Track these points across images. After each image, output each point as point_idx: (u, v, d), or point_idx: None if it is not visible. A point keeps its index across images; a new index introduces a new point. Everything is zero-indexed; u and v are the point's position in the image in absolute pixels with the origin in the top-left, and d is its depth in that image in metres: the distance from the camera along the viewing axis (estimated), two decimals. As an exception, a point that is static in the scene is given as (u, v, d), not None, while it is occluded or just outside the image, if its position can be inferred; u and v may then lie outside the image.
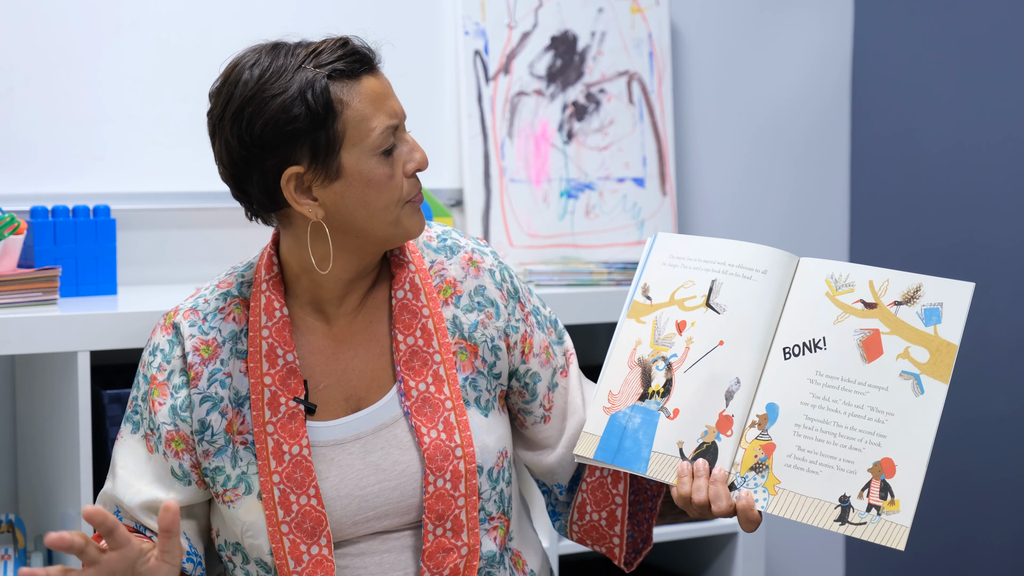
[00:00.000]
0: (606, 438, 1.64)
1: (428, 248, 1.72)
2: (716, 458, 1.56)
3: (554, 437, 1.75)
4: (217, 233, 2.50)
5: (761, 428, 1.56)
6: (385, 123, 1.57)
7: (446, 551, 1.62)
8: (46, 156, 2.38)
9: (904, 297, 1.55)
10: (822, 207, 3.10)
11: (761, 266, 1.61)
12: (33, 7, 2.36)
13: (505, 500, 1.68)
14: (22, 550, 2.09)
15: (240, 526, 1.62)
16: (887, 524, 1.47)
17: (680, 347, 1.63)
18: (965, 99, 2.86)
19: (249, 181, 1.59)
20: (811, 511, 1.51)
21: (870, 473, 1.50)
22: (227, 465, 1.62)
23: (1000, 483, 2.81)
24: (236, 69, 1.58)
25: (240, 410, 1.63)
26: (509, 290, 1.72)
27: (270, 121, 1.54)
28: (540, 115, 2.73)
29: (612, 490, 1.72)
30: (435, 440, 1.62)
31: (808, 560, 3.11)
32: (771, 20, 3.01)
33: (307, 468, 1.60)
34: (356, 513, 1.62)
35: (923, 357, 1.52)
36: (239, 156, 1.57)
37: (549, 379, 1.73)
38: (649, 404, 1.62)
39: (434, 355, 1.65)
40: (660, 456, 1.60)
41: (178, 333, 1.66)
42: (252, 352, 1.63)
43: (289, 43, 1.60)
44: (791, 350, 1.58)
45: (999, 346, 2.79)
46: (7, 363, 2.33)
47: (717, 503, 1.54)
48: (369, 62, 1.60)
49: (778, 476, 1.54)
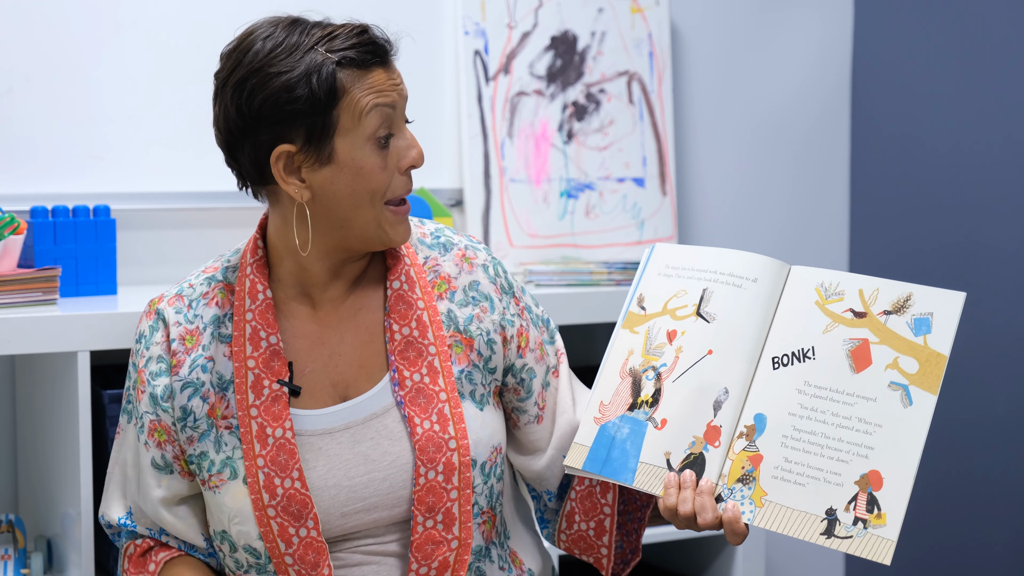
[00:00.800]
0: (595, 449, 1.63)
1: (422, 244, 1.71)
2: (704, 469, 1.55)
3: (545, 439, 1.73)
4: (217, 233, 2.50)
5: (749, 439, 1.54)
6: (382, 113, 1.57)
7: (436, 543, 1.61)
8: (46, 156, 2.38)
9: (894, 306, 1.53)
10: (822, 207, 3.10)
11: (752, 274, 1.60)
12: (33, 7, 2.36)
13: (495, 496, 1.67)
14: (22, 550, 2.09)
15: (226, 513, 1.61)
16: (873, 538, 1.45)
17: (670, 356, 1.61)
18: (965, 100, 2.86)
19: (241, 151, 1.59)
20: (797, 524, 1.49)
21: (857, 486, 1.48)
22: (211, 450, 1.62)
23: (1000, 483, 2.81)
24: (249, 38, 1.58)
25: (224, 394, 1.62)
26: (503, 285, 1.72)
27: (270, 97, 1.54)
28: (540, 115, 2.73)
29: (601, 500, 1.71)
30: (428, 431, 1.61)
31: (808, 560, 3.11)
32: (771, 20, 3.01)
33: (291, 451, 1.59)
34: (344, 504, 1.61)
35: (912, 368, 1.50)
36: (235, 125, 1.57)
37: (543, 377, 1.73)
38: (638, 414, 1.61)
39: (429, 347, 1.64)
40: (647, 467, 1.58)
41: (160, 319, 1.66)
42: (236, 336, 1.63)
43: (308, 21, 1.59)
44: (780, 360, 1.56)
45: (999, 346, 2.79)
46: (7, 363, 2.33)
47: (703, 515, 1.53)
48: (383, 54, 1.59)
49: (765, 488, 1.52)
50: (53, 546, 2.15)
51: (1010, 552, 2.79)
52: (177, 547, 1.69)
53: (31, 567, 2.08)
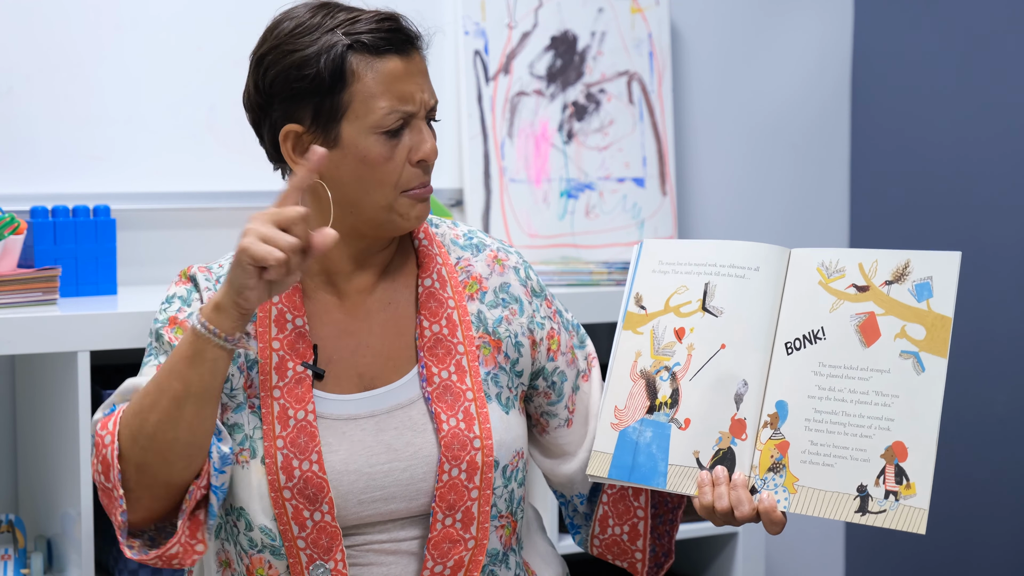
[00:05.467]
0: (619, 455, 1.61)
1: (455, 245, 1.71)
2: (734, 464, 1.54)
3: (575, 443, 1.72)
4: (217, 233, 2.50)
5: (773, 427, 1.54)
6: (393, 106, 1.56)
7: (453, 542, 1.60)
8: (47, 156, 2.38)
9: (894, 275, 1.53)
10: (822, 207, 3.10)
11: (753, 263, 1.60)
12: (33, 7, 2.36)
13: (515, 501, 1.66)
14: (22, 550, 2.09)
15: (249, 490, 1.59)
16: (906, 509, 1.46)
17: (682, 355, 1.61)
18: (965, 98, 2.86)
19: (262, 128, 1.62)
20: (831, 505, 1.49)
21: (883, 459, 1.48)
22: (245, 423, 1.60)
23: (1000, 483, 2.81)
24: (280, 18, 1.61)
25: (249, 374, 1.61)
26: (534, 288, 1.71)
27: (281, 74, 1.56)
28: (540, 115, 2.73)
29: (633, 503, 1.70)
30: (453, 428, 1.60)
31: (808, 560, 3.11)
32: (771, 20, 3.01)
33: (311, 434, 1.58)
34: (363, 491, 1.60)
35: (920, 334, 1.50)
36: (255, 101, 1.60)
37: (573, 380, 1.72)
38: (658, 416, 1.60)
39: (458, 345, 1.64)
40: (677, 468, 1.57)
41: (196, 285, 1.65)
42: (261, 317, 1.62)
43: (339, 4, 1.60)
44: (792, 344, 1.56)
45: (999, 346, 2.79)
46: (7, 363, 2.33)
47: (740, 508, 1.52)
48: (404, 44, 1.58)
49: (795, 474, 1.52)
50: (53, 546, 2.15)
51: (1010, 552, 2.79)
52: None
53: (31, 567, 2.08)
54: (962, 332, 2.93)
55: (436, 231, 1.72)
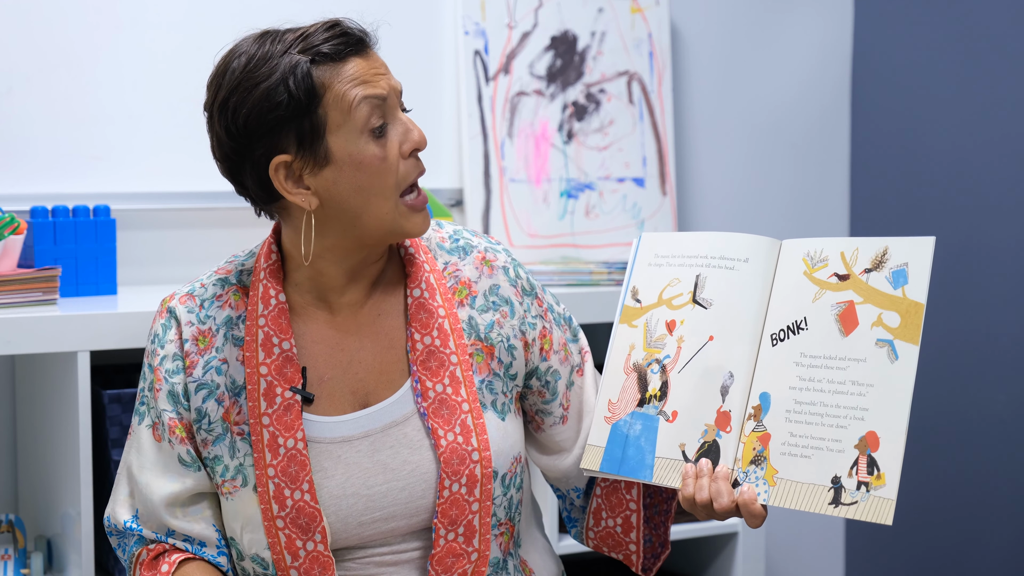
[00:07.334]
0: (610, 448, 1.62)
1: (441, 249, 1.70)
2: (719, 456, 1.54)
3: (571, 439, 1.72)
4: (217, 233, 2.50)
5: (756, 419, 1.54)
6: (363, 94, 1.54)
7: (456, 556, 1.60)
8: (46, 156, 2.38)
9: (873, 263, 1.52)
10: (822, 207, 3.10)
11: (743, 255, 1.59)
12: (33, 7, 2.36)
13: (514, 506, 1.66)
14: (22, 550, 2.09)
15: (240, 520, 1.60)
16: (876, 500, 1.45)
17: (672, 347, 1.61)
18: (965, 99, 2.86)
19: (243, 173, 1.58)
20: (807, 497, 1.49)
21: (856, 450, 1.47)
22: (225, 455, 1.60)
23: (1000, 483, 2.81)
24: (226, 61, 1.57)
25: (237, 400, 1.61)
26: (524, 287, 1.70)
27: (253, 109, 1.52)
28: (540, 115, 2.73)
29: (625, 495, 1.70)
30: (452, 443, 1.60)
31: (808, 560, 3.11)
32: (771, 20, 3.02)
33: (302, 463, 1.58)
34: (362, 513, 1.60)
35: (895, 322, 1.49)
36: (229, 148, 1.56)
37: (567, 377, 1.71)
38: (648, 409, 1.60)
39: (451, 356, 1.63)
40: (664, 461, 1.57)
41: (173, 317, 1.64)
42: (248, 341, 1.61)
43: (279, 29, 1.58)
44: (777, 336, 1.55)
45: (999, 346, 2.79)
46: (7, 363, 2.33)
47: (719, 500, 1.52)
48: (358, 43, 1.57)
49: (775, 466, 1.51)
50: (53, 546, 2.15)
51: (1010, 552, 2.79)
52: (185, 549, 1.65)
53: (31, 567, 2.08)
54: (962, 332, 2.93)
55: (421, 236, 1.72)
